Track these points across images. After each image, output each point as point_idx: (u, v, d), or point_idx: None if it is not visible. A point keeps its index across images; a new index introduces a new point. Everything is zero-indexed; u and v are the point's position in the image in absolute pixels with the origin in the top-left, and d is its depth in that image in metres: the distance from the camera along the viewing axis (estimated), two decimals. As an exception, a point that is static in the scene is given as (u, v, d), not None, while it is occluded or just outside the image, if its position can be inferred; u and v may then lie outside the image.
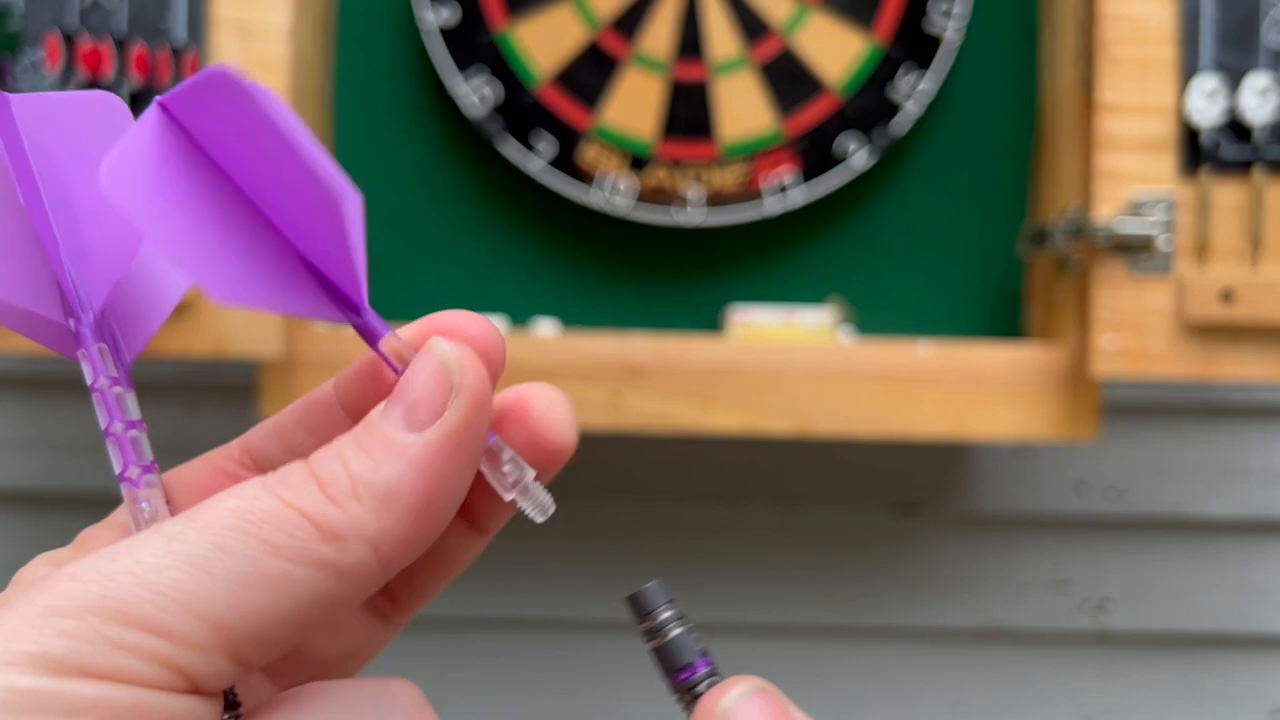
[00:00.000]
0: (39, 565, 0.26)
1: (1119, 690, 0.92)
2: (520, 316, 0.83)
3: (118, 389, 0.27)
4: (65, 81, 0.69)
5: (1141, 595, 0.92)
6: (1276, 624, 0.92)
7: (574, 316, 0.83)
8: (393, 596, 0.29)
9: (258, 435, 0.29)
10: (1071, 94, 0.76)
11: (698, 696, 0.26)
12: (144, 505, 0.26)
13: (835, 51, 0.81)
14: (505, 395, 0.28)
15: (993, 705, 0.92)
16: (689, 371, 0.73)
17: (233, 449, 0.29)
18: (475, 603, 0.91)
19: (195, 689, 0.22)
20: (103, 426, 0.26)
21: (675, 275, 0.85)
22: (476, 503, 0.27)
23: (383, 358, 0.26)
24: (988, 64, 0.83)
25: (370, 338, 0.26)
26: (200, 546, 0.22)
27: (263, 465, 0.28)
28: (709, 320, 0.84)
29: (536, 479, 0.27)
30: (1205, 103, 0.69)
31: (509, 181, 0.83)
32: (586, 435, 0.86)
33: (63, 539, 0.29)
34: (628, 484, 0.90)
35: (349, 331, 0.74)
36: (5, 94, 0.26)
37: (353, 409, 0.28)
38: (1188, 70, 0.70)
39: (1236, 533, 0.92)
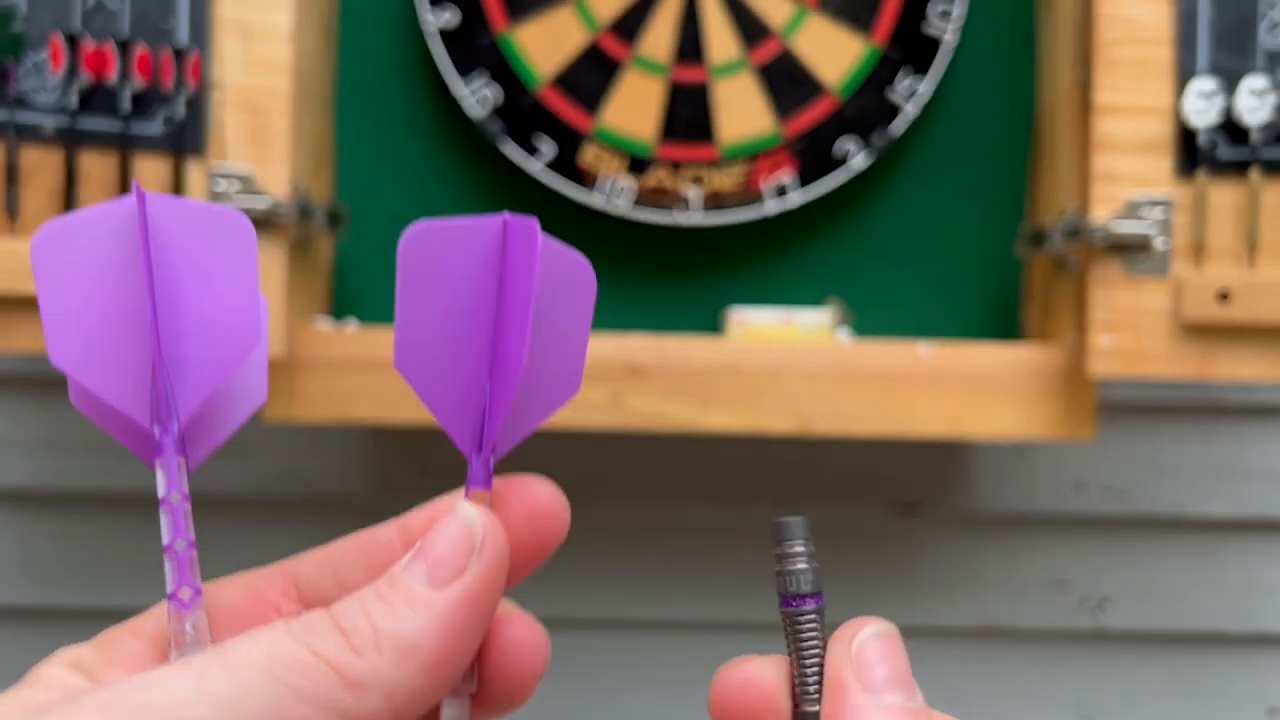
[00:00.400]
0: (60, 668, 0.26)
1: (1117, 689, 0.93)
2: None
3: (187, 505, 0.27)
4: (69, 83, 0.69)
5: (1140, 594, 0.92)
6: (1274, 623, 0.92)
7: (574, 317, 0.84)
8: None
9: (307, 565, 0.29)
10: (1069, 95, 0.77)
11: (799, 625, 0.29)
12: (188, 628, 0.27)
13: (834, 53, 0.81)
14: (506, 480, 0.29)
15: (991, 704, 0.93)
16: (689, 371, 0.73)
17: (275, 574, 0.29)
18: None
19: None
20: (165, 541, 0.27)
21: (675, 276, 0.85)
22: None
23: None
24: (985, 66, 0.84)
25: (470, 480, 0.28)
26: (228, 686, 0.23)
27: (310, 599, 0.29)
28: (709, 320, 0.84)
29: (468, 694, 0.28)
30: (1202, 104, 0.70)
31: (510, 183, 0.84)
32: (586, 435, 0.86)
33: (63, 539, 0.29)
34: (628, 484, 0.90)
35: (349, 333, 0.75)
36: (144, 191, 0.26)
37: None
38: (1185, 72, 0.70)
39: (1234, 532, 0.92)
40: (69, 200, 0.69)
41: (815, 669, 0.28)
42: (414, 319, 0.27)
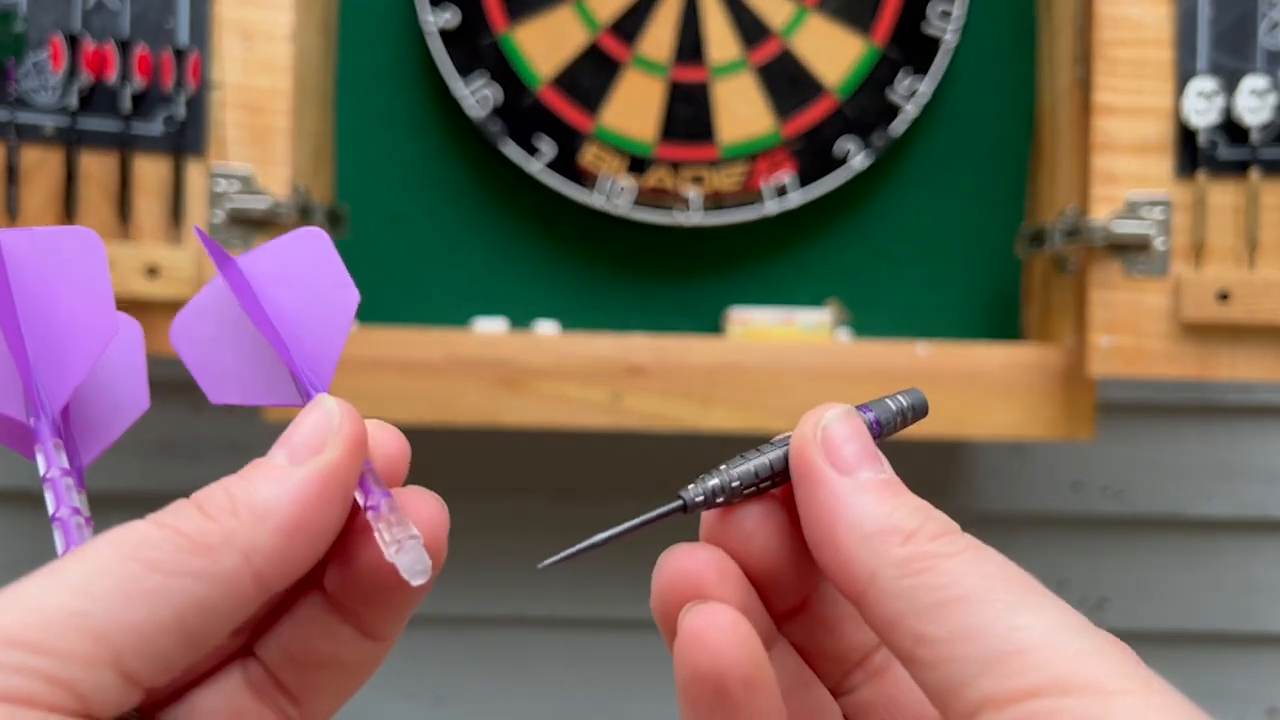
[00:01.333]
0: None
1: (1117, 689, 0.92)
2: (521, 317, 0.83)
3: (68, 480, 0.30)
4: (69, 83, 0.70)
5: (1139, 594, 0.92)
6: (1274, 622, 0.92)
7: (574, 317, 0.84)
8: (297, 702, 0.30)
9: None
10: (1069, 96, 0.77)
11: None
12: None
13: (834, 54, 0.81)
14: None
15: (991, 704, 0.93)
16: (689, 371, 0.73)
17: None
18: (476, 602, 0.92)
19: (87, 710, 0.23)
20: (50, 512, 0.29)
21: (675, 276, 0.85)
22: (364, 610, 0.28)
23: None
24: (985, 66, 0.84)
25: (308, 390, 0.31)
26: (79, 573, 0.24)
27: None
28: (709, 321, 0.84)
29: (416, 540, 0.28)
30: (1202, 104, 0.70)
31: (510, 183, 0.84)
32: (587, 435, 0.86)
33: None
34: (628, 483, 0.90)
35: (350, 332, 0.75)
36: None
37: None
38: (1185, 72, 0.70)
39: (1234, 532, 0.92)
40: (69, 200, 0.69)
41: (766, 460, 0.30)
42: (206, 369, 0.33)
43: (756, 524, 0.30)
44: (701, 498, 0.30)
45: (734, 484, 0.30)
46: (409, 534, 0.27)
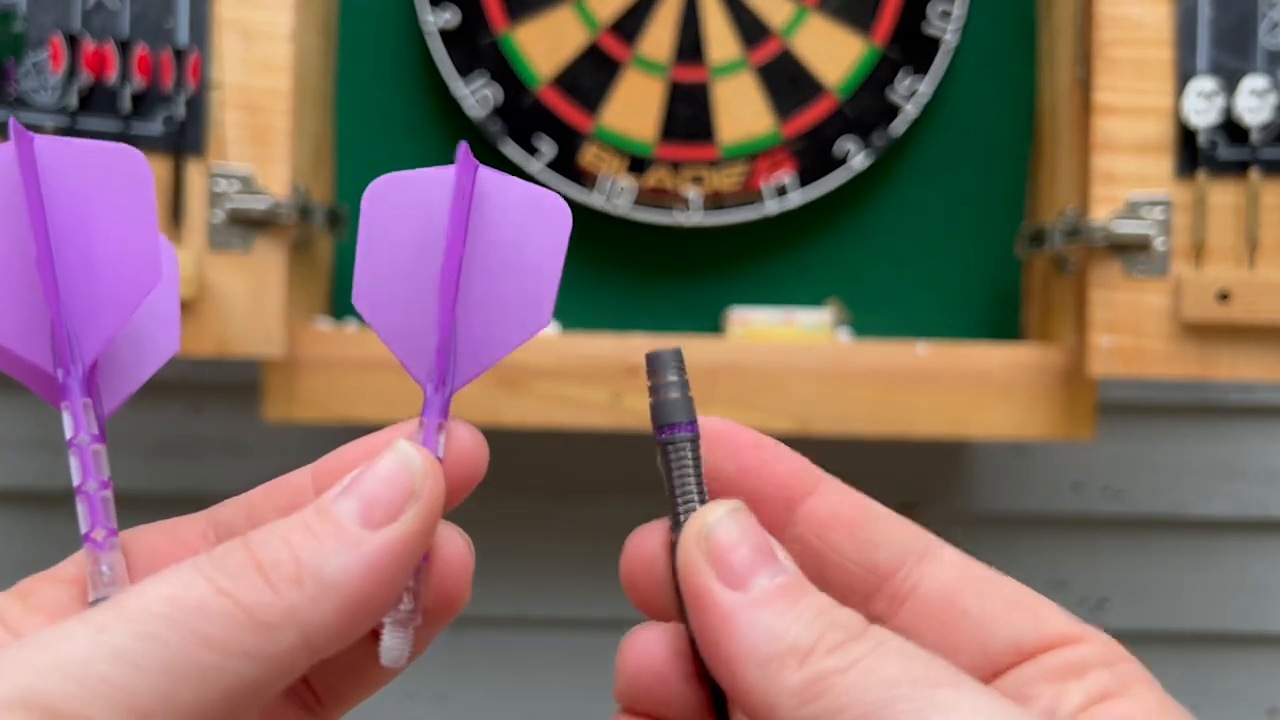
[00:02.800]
0: None
1: (1117, 689, 0.92)
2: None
3: (96, 446, 0.27)
4: (69, 83, 0.70)
5: (1139, 594, 0.92)
6: (1274, 622, 0.92)
7: (574, 317, 0.84)
8: (320, 698, 0.29)
9: (226, 510, 0.28)
10: (1069, 95, 0.77)
11: (671, 454, 0.29)
12: (104, 569, 0.26)
13: (834, 54, 0.81)
14: None
15: (991, 704, 0.93)
16: (689, 371, 0.73)
17: (199, 521, 0.28)
18: (476, 601, 0.91)
19: None
20: (76, 483, 0.26)
21: (675, 276, 0.85)
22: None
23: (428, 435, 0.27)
24: (985, 66, 0.84)
25: (424, 412, 0.28)
26: (128, 638, 0.22)
27: (225, 538, 0.27)
28: (709, 321, 0.84)
29: (414, 626, 0.27)
30: (1202, 104, 0.70)
31: (509, 183, 0.84)
32: (586, 435, 0.86)
33: (63, 539, 0.29)
34: (628, 484, 0.90)
35: (349, 333, 0.75)
36: (30, 133, 0.26)
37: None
38: (1185, 72, 0.70)
39: (1234, 532, 0.92)
40: (69, 200, 0.69)
41: (690, 500, 0.28)
42: (373, 261, 0.27)
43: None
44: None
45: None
46: (408, 619, 0.26)
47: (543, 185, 0.28)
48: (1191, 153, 0.70)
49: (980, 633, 0.27)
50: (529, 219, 0.28)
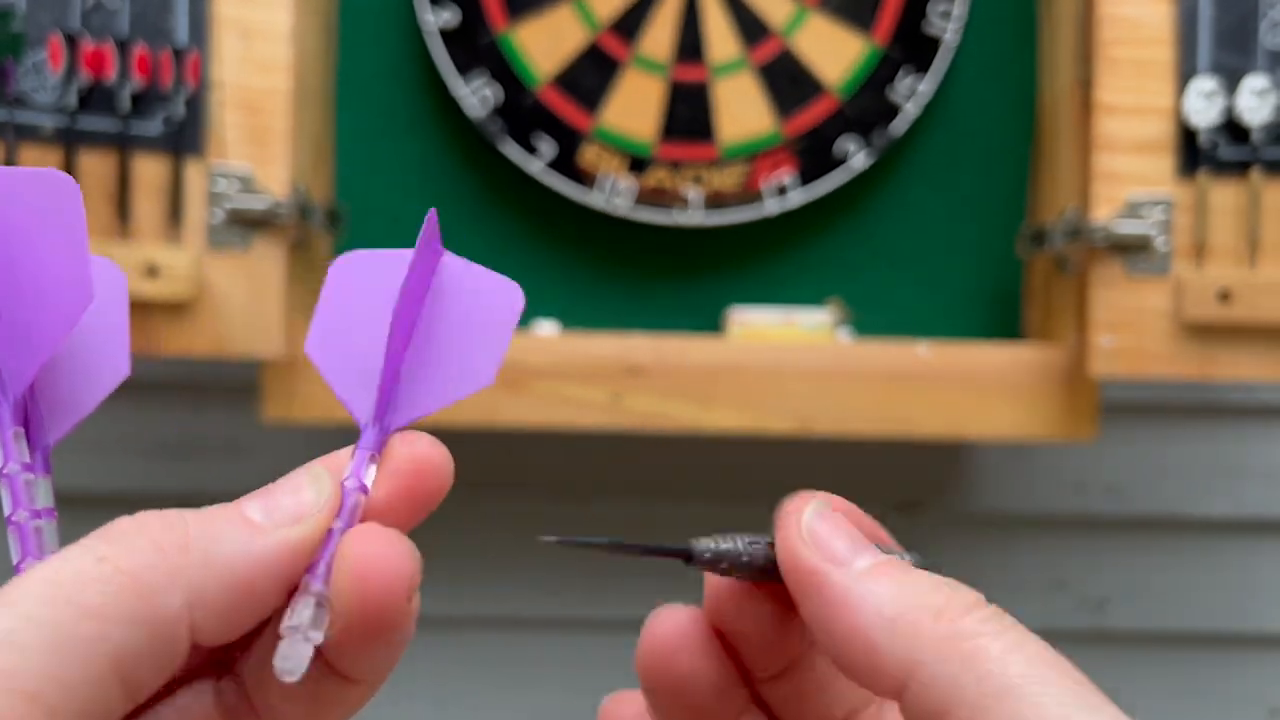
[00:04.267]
0: None
1: (1117, 689, 0.92)
2: (521, 317, 0.83)
3: (27, 476, 0.26)
4: (68, 82, 0.69)
5: (1140, 594, 0.92)
6: (1275, 623, 0.92)
7: (574, 317, 0.84)
8: None
9: None
10: (1070, 95, 0.77)
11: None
12: None
13: (834, 53, 0.81)
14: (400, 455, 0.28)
15: (992, 704, 0.93)
16: (689, 371, 0.73)
17: None
18: (476, 602, 0.91)
19: None
20: (7, 513, 0.26)
21: (675, 276, 0.85)
22: (338, 652, 0.26)
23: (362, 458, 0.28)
24: (986, 65, 0.84)
25: (360, 445, 0.28)
26: (8, 621, 0.22)
27: None
28: (709, 320, 0.84)
29: (315, 643, 0.26)
30: (1203, 104, 0.70)
31: (510, 182, 0.84)
32: (586, 435, 0.86)
33: (61, 539, 0.29)
34: (628, 484, 0.90)
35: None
36: None
37: None
38: (1186, 71, 0.70)
39: (1235, 532, 0.92)
40: (68, 200, 0.69)
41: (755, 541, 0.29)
42: (330, 318, 0.29)
43: (763, 611, 0.29)
44: (709, 555, 0.29)
45: (744, 559, 0.29)
46: (307, 630, 0.25)
47: (498, 274, 0.32)
48: (1192, 152, 0.70)
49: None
50: (484, 297, 0.30)
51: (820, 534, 0.28)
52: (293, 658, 0.25)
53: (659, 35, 0.81)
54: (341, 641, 0.25)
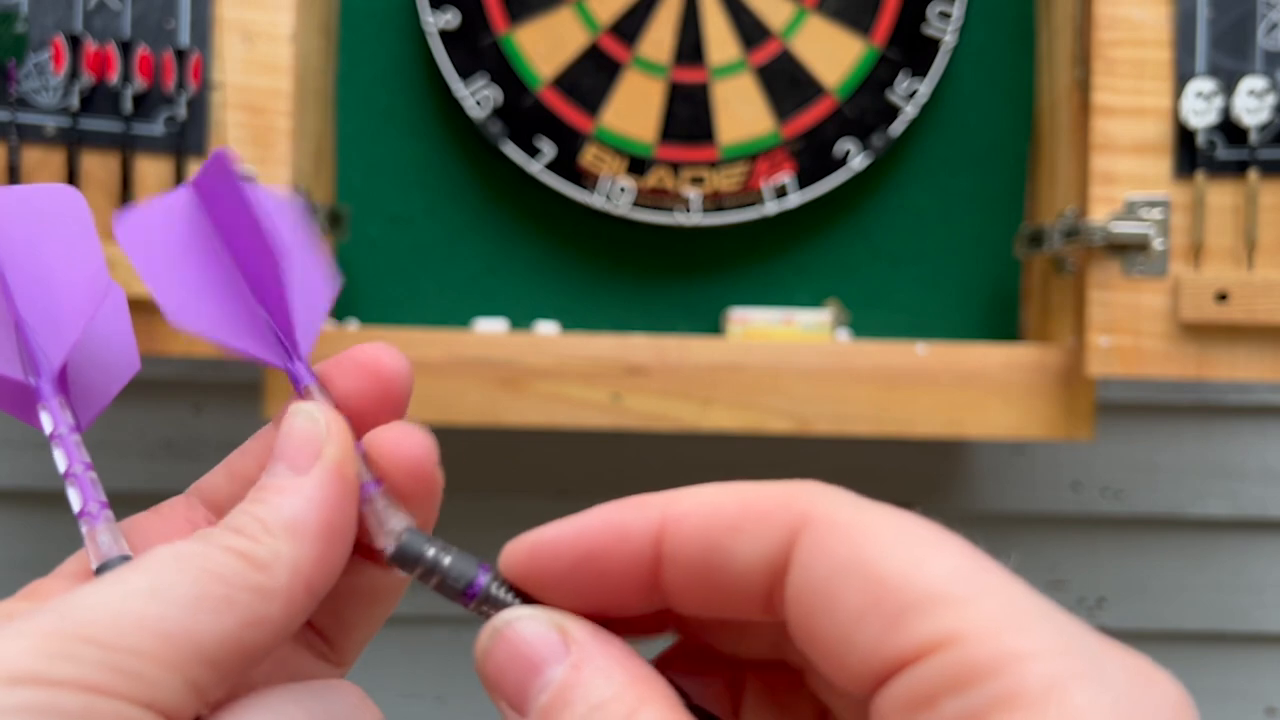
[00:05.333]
0: None
1: (1116, 688, 0.93)
2: (521, 318, 0.83)
3: (75, 436, 0.30)
4: (70, 84, 0.70)
5: (1137, 594, 0.93)
6: (1272, 622, 0.92)
7: (574, 317, 0.84)
8: (329, 640, 0.31)
9: (205, 481, 0.31)
10: (1068, 96, 0.77)
11: (494, 600, 0.27)
12: (103, 538, 0.28)
13: (833, 55, 0.82)
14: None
15: (990, 703, 0.93)
16: (689, 371, 0.73)
17: (181, 500, 0.31)
18: (476, 601, 0.92)
19: (155, 710, 0.24)
20: (63, 469, 0.29)
21: (675, 276, 0.85)
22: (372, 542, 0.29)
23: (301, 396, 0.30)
24: (984, 67, 0.84)
25: (294, 382, 0.30)
26: (150, 580, 0.25)
27: (211, 500, 0.31)
28: (709, 321, 0.84)
29: (411, 525, 0.29)
30: (1201, 105, 0.70)
31: (510, 183, 0.84)
32: (587, 435, 0.87)
33: (62, 539, 0.30)
34: (628, 484, 0.91)
35: (350, 332, 0.75)
36: None
37: None
38: (1183, 73, 0.70)
39: (1232, 531, 0.92)
40: (71, 201, 0.69)
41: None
42: (167, 283, 0.30)
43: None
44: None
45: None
46: (402, 525, 0.28)
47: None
48: (1190, 153, 0.70)
49: (838, 653, 0.22)
50: (273, 209, 0.30)
51: (491, 674, 0.27)
52: (400, 519, 0.28)
53: (659, 37, 0.82)
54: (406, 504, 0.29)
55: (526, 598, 0.27)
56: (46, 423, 0.30)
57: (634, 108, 0.82)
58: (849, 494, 0.24)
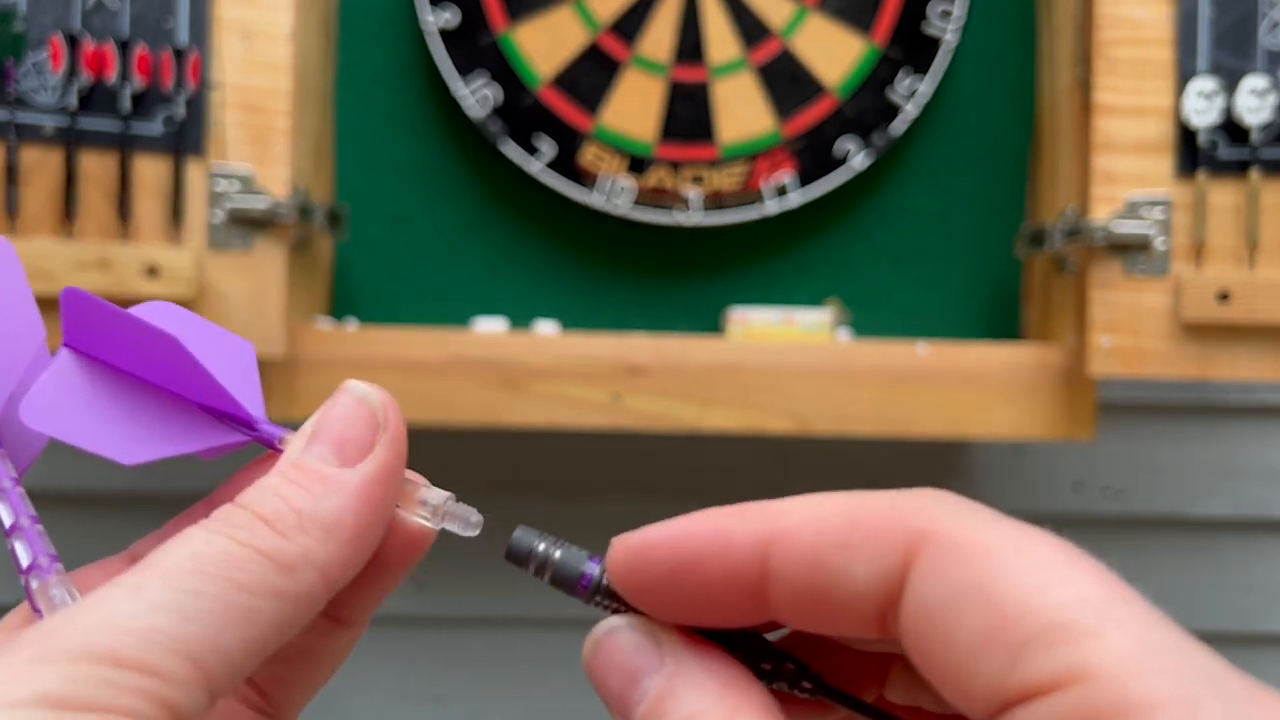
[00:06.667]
0: None
1: (1117, 689, 0.93)
2: (521, 317, 0.83)
3: (19, 489, 0.29)
4: (69, 83, 0.70)
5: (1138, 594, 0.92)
6: (1273, 623, 0.92)
7: (574, 317, 0.84)
8: (269, 697, 0.30)
9: (146, 543, 0.30)
10: (1069, 96, 0.77)
11: (610, 594, 0.28)
12: (55, 593, 0.27)
13: (834, 53, 0.81)
14: None
15: (991, 704, 0.93)
16: (689, 371, 0.73)
17: (121, 559, 0.30)
18: (476, 602, 0.91)
19: None
20: (8, 524, 0.28)
21: (675, 276, 0.85)
22: (342, 597, 0.28)
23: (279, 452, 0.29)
24: (985, 66, 0.84)
25: (268, 443, 0.29)
26: (168, 592, 0.23)
27: None
28: (709, 321, 0.84)
29: (453, 499, 0.28)
30: (1202, 104, 0.70)
31: (510, 183, 0.84)
32: (586, 435, 0.86)
33: (62, 539, 0.30)
34: (628, 484, 0.90)
35: (349, 332, 0.75)
36: None
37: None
38: (1185, 72, 0.70)
39: (1233, 532, 0.92)
40: (69, 200, 0.69)
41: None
42: (101, 440, 0.29)
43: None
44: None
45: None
46: (445, 499, 0.28)
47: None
48: (1191, 153, 0.70)
49: (956, 680, 0.22)
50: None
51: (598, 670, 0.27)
52: (466, 517, 0.28)
53: (659, 36, 0.81)
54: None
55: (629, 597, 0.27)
56: None
57: (634, 107, 0.81)
58: (967, 504, 0.24)
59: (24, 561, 0.27)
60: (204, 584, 0.24)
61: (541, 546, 0.28)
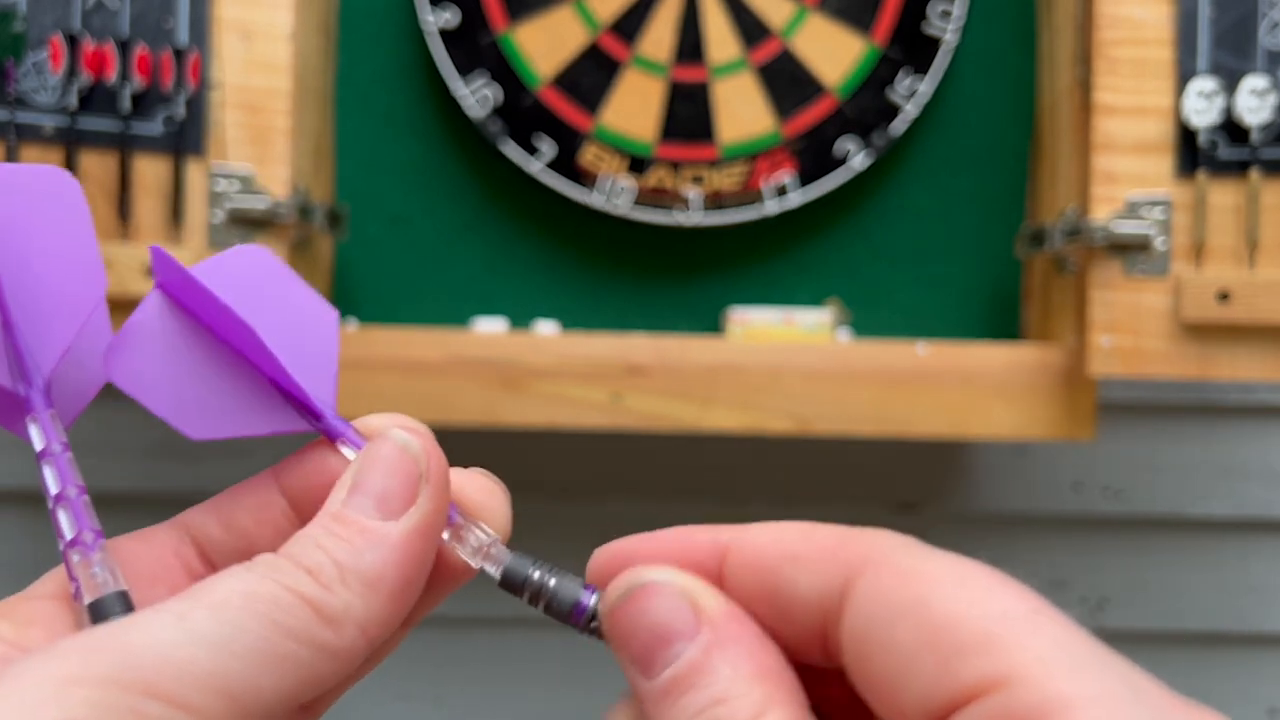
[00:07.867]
0: None
1: (1117, 689, 0.92)
2: (521, 317, 0.83)
3: (69, 454, 0.27)
4: (68, 83, 0.70)
5: (1139, 594, 0.92)
6: (1274, 623, 0.92)
7: (574, 317, 0.84)
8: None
9: (195, 516, 0.29)
10: (1069, 95, 0.77)
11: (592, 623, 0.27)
12: (96, 570, 0.26)
13: (834, 53, 0.81)
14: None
15: (991, 704, 0.93)
16: (689, 371, 0.73)
17: (168, 529, 0.29)
18: (476, 602, 0.91)
19: None
20: (54, 492, 0.27)
21: (675, 276, 0.85)
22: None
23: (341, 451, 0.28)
24: (986, 66, 0.84)
25: (332, 437, 0.28)
26: (212, 624, 0.23)
27: (202, 543, 0.28)
28: (709, 320, 0.84)
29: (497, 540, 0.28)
30: (1202, 104, 0.70)
31: (510, 183, 0.84)
32: (586, 435, 0.86)
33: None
34: (628, 484, 0.90)
35: (350, 333, 0.75)
36: None
37: (296, 495, 0.29)
38: (1185, 72, 0.70)
39: (1234, 532, 0.92)
40: (69, 200, 0.69)
41: None
42: (172, 407, 0.28)
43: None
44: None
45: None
46: (489, 541, 0.28)
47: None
48: (1191, 153, 0.70)
49: (892, 692, 0.22)
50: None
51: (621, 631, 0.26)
52: (500, 557, 0.28)
53: (659, 36, 0.81)
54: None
55: None
56: (37, 439, 0.27)
57: (634, 107, 0.81)
58: (913, 541, 0.24)
59: (68, 534, 0.26)
60: (252, 622, 0.23)
61: (536, 575, 0.28)
